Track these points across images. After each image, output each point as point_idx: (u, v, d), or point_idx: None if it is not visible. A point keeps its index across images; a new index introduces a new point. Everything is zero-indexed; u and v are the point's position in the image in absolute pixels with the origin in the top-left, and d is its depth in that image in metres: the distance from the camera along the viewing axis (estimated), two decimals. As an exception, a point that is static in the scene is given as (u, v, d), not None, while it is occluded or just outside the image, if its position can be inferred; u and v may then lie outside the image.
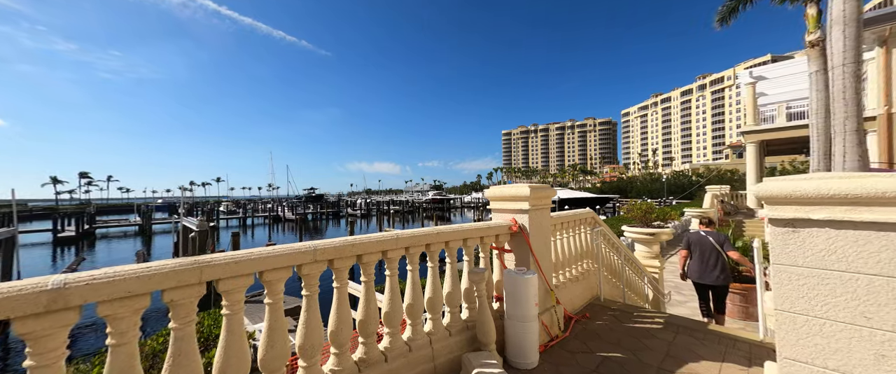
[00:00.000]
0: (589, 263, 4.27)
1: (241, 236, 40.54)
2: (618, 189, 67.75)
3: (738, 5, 13.76)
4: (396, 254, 2.28)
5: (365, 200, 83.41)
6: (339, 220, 59.33)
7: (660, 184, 60.21)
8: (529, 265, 2.95)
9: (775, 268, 1.73)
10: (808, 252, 1.64)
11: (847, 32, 6.70)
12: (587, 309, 3.77)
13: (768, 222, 1.76)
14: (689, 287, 10.01)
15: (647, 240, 6.13)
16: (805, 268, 1.65)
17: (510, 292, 2.64)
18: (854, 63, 6.67)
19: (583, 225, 4.16)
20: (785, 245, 1.70)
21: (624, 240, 12.59)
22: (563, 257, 3.70)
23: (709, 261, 4.34)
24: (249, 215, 55.42)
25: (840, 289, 1.57)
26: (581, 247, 4.07)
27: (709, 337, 2.95)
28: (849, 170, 6.79)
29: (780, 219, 1.71)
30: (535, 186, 2.95)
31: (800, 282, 1.66)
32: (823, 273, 1.60)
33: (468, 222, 2.88)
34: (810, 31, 12.43)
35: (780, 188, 1.68)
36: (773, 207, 1.74)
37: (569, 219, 3.77)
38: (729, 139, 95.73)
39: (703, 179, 46.32)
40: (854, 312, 1.53)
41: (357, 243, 2.03)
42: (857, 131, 6.67)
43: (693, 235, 4.60)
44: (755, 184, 18.95)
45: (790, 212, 1.67)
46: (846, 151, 6.79)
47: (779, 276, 1.72)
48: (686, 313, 7.89)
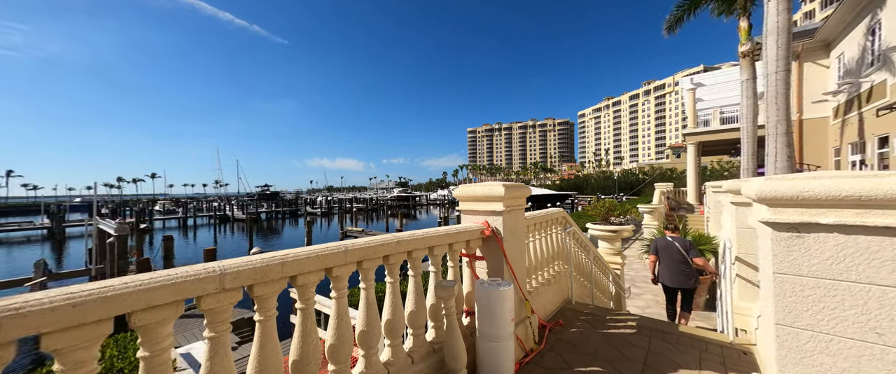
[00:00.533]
0: (560, 264, 4.10)
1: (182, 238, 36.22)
2: (575, 186, 71.73)
3: (683, 15, 14.86)
4: (345, 270, 1.81)
5: (326, 197, 79.42)
6: (298, 219, 55.85)
7: (612, 181, 64.77)
8: (503, 274, 2.63)
9: (776, 278, 1.55)
10: (814, 260, 1.47)
11: (779, 42, 7.36)
12: (560, 314, 3.57)
13: (767, 225, 1.58)
14: (643, 280, 10.61)
15: (610, 237, 6.21)
16: (810, 278, 1.48)
17: (483, 308, 2.29)
18: (785, 71, 7.35)
19: (555, 225, 3.96)
20: (788, 252, 1.52)
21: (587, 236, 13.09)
22: (536, 260, 3.46)
23: (676, 266, 4.49)
24: (191, 215, 49.93)
25: (849, 302, 1.41)
26: (553, 248, 3.87)
27: (682, 341, 2.87)
28: (779, 169, 7.51)
29: (784, 223, 1.52)
30: (509, 184, 2.63)
31: (804, 294, 1.49)
32: (831, 284, 1.44)
33: (434, 220, 2.51)
34: (743, 42, 13.77)
35: (787, 189, 1.49)
36: (775, 209, 1.55)
37: (541, 219, 3.53)
38: (669, 141, 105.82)
39: (649, 177, 50.55)
40: (864, 327, 1.38)
41: (288, 260, 1.54)
42: (787, 133, 7.38)
43: (661, 241, 4.73)
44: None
45: (795, 215, 1.49)
46: (777, 152, 7.49)
47: (780, 287, 1.54)
48: (643, 304, 8.27)
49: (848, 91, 13.43)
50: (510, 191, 2.62)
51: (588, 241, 4.84)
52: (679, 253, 4.48)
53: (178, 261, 17.77)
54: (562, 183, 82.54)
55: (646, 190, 40.69)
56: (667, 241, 4.69)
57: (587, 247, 4.74)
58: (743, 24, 13.80)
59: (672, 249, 4.54)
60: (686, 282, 4.51)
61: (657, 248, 4.74)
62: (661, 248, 4.68)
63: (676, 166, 66.52)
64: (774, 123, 7.40)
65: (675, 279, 4.54)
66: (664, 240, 4.73)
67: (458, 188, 2.84)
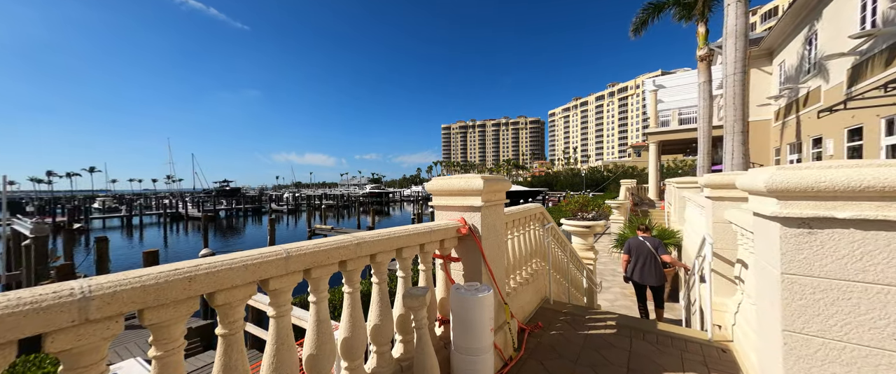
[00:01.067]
0: (538, 262, 3.93)
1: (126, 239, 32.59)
2: (546, 183, 74.11)
3: (648, 18, 15.50)
4: (287, 282, 1.43)
5: (293, 194, 75.68)
6: (262, 217, 52.72)
7: (579, 178, 67.58)
8: (481, 277, 2.36)
9: (784, 280, 1.39)
10: (827, 259, 1.32)
11: (737, 45, 7.77)
12: (539, 315, 3.39)
13: (774, 221, 1.42)
14: (610, 272, 10.97)
15: (584, 232, 6.20)
16: (822, 279, 1.33)
17: (459, 318, 2.00)
18: (742, 72, 7.79)
19: (533, 222, 3.77)
20: (798, 250, 1.36)
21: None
22: (515, 259, 3.24)
23: (647, 264, 4.63)
24: (137, 213, 45.33)
25: (866, 305, 1.27)
26: (532, 246, 3.68)
27: (662, 341, 2.77)
28: (736, 166, 7.98)
29: (795, 218, 1.35)
30: (489, 177, 2.35)
31: (815, 296, 1.34)
32: (846, 286, 1.29)
33: (408, 216, 2.20)
34: (700, 47, 14.61)
35: (800, 179, 1.32)
36: (785, 202, 1.38)
37: (520, 216, 3.31)
38: (631, 140, 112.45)
39: (613, 175, 53.24)
40: (883, 334, 1.24)
41: (198, 273, 1.14)
42: (743, 132, 7.85)
43: (633, 240, 4.84)
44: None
45: (808, 209, 1.33)
46: (734, 150, 7.95)
47: (789, 289, 1.38)
48: (612, 297, 8.47)
49: (788, 96, 14.71)
50: (490, 184, 2.35)
51: (564, 237, 4.74)
52: (650, 251, 4.64)
53: (117, 266, 15.76)
54: (533, 180, 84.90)
55: (610, 187, 42.80)
56: (639, 241, 4.81)
57: (564, 243, 4.63)
58: (701, 30, 14.65)
59: (643, 248, 4.69)
60: (657, 280, 4.67)
61: (630, 247, 4.87)
62: (634, 247, 4.80)
63: (637, 164, 70.90)
64: (732, 122, 7.82)
65: (646, 277, 4.70)
66: (636, 240, 4.85)
67: (431, 181, 2.53)
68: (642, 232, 4.90)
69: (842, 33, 10.63)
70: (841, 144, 10.80)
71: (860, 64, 9.75)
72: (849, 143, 10.53)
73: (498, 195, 2.53)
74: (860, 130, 9.83)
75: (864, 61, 9.53)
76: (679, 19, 15.49)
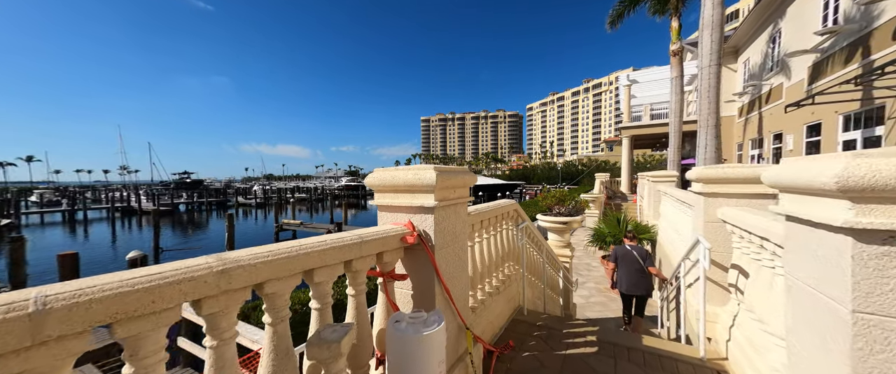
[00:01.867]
0: (512, 266, 3.46)
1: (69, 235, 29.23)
2: (523, 176, 75.15)
3: (624, 11, 15.47)
4: (141, 327, 0.82)
5: (263, 186, 71.85)
6: (228, 211, 49.63)
7: (556, 172, 69.07)
8: (435, 299, 1.81)
9: (859, 321, 0.93)
10: (931, 295, 0.87)
11: (713, 36, 7.66)
12: (510, 330, 2.92)
13: (847, 234, 0.96)
14: (584, 266, 10.89)
15: (560, 228, 5.84)
16: (921, 324, 0.88)
17: (397, 363, 1.45)
18: (717, 65, 7.70)
19: (505, 221, 3.28)
20: (881, 278, 0.90)
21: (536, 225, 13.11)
22: (483, 266, 2.73)
23: (634, 274, 4.56)
24: (82, 208, 41.14)
25: None
26: (504, 249, 3.20)
27: (650, 361, 2.38)
28: (708, 160, 7.95)
29: (880, 230, 0.89)
30: (445, 168, 1.79)
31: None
32: (961, 336, 0.85)
33: None
34: (673, 41, 14.76)
35: (892, 173, 0.85)
36: (861, 206, 0.92)
37: (490, 215, 2.79)
38: (604, 135, 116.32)
39: (587, 169, 54.69)
40: None
41: None
42: (716, 126, 7.80)
43: (620, 248, 4.75)
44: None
45: None
46: (707, 144, 7.91)
47: (867, 335, 0.93)
48: (586, 293, 8.30)
49: (751, 93, 15.25)
50: (446, 178, 1.79)
51: (540, 235, 4.31)
52: (637, 262, 4.57)
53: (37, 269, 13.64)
54: (511, 173, 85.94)
55: (585, 180, 43.95)
56: (626, 249, 4.72)
57: (540, 243, 4.20)
58: (674, 24, 14.80)
59: (631, 257, 4.61)
60: (644, 289, 4.62)
61: (617, 256, 4.79)
62: (621, 256, 4.72)
63: (610, 159, 73.43)
64: (706, 115, 7.74)
65: (633, 287, 4.63)
66: (624, 248, 4.76)
67: (372, 174, 1.93)
68: (629, 240, 4.80)
69: (805, 31, 10.96)
70: (800, 140, 11.25)
71: (821, 61, 10.10)
72: (808, 138, 10.98)
73: (458, 192, 1.98)
74: (819, 127, 10.24)
75: (825, 59, 9.86)
76: (653, 13, 15.58)
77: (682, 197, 4.12)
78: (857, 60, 8.28)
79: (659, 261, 6.50)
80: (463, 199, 2.08)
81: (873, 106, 7.84)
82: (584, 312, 7.22)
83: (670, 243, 5.34)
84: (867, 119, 8.17)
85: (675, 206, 5.17)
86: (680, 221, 4.72)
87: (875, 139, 7.85)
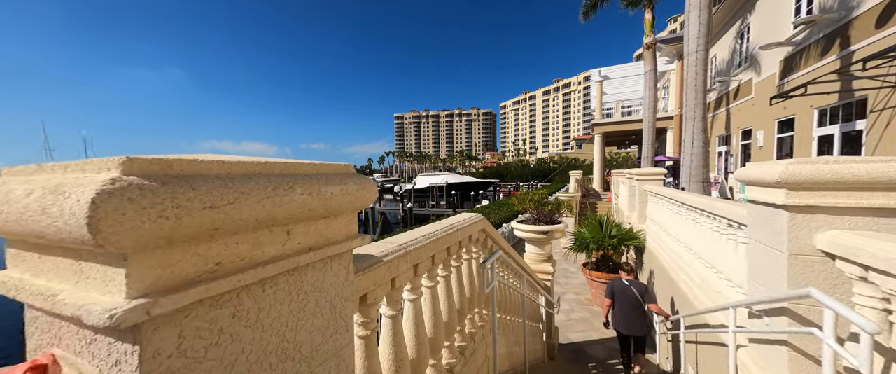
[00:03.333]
0: (481, 314, 2.23)
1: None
2: (497, 174, 75.31)
3: (598, 2, 14.90)
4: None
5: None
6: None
7: (529, 169, 69.73)
8: None
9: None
10: None
11: (701, 18, 6.93)
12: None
13: None
14: (561, 272, 10.01)
15: (541, 240, 4.75)
16: None
17: None
18: (704, 50, 6.99)
19: (468, 248, 2.03)
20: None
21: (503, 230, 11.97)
22: (435, 329, 1.47)
23: (633, 312, 4.08)
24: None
25: None
26: (464, 294, 1.95)
27: None
28: (695, 155, 7.26)
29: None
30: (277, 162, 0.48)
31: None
32: None
33: None
34: (647, 34, 14.36)
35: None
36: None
37: (441, 245, 1.53)
38: (574, 133, 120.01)
39: (559, 166, 55.49)
40: None
41: None
42: (703, 118, 7.11)
43: (617, 283, 4.24)
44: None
45: None
46: (694, 137, 7.21)
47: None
48: (567, 307, 7.31)
49: (719, 90, 15.25)
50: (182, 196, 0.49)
51: (517, 256, 3.13)
52: (635, 298, 4.05)
53: None
54: (485, 171, 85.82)
55: (557, 178, 44.25)
56: (623, 285, 4.16)
57: (518, 270, 3.01)
58: (647, 16, 14.40)
59: (628, 294, 4.09)
60: (642, 329, 4.09)
61: (613, 291, 4.22)
62: (618, 292, 4.17)
63: (579, 156, 75.50)
64: (693, 106, 7.02)
65: (631, 326, 4.09)
66: (621, 283, 4.18)
67: None
68: (626, 274, 4.26)
69: (777, 24, 10.79)
70: (771, 136, 11.12)
71: (794, 55, 9.89)
72: (779, 134, 10.85)
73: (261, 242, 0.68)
74: (791, 122, 10.06)
75: (799, 52, 9.64)
76: (626, 6, 15.15)
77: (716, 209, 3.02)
78: (835, 52, 7.99)
79: (650, 272, 5.58)
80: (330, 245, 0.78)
81: (852, 99, 7.53)
82: (567, 332, 6.23)
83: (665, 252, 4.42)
84: (846, 113, 7.89)
85: (679, 213, 4.19)
86: (689, 233, 3.74)
87: (855, 134, 7.56)
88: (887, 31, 6.34)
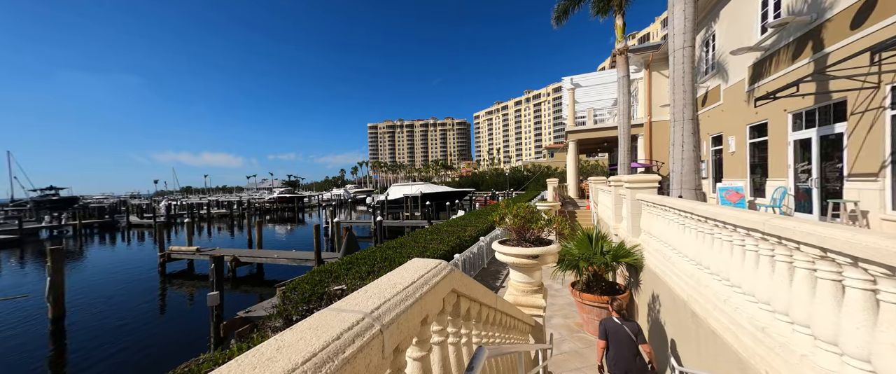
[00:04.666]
0: None
1: None
2: (473, 183, 75.02)
3: (569, 7, 14.68)
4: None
5: (173, 202, 60.03)
6: (116, 234, 39.90)
7: (503, 178, 70.06)
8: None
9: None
10: None
11: (686, 12, 6.43)
12: None
13: None
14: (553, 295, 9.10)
15: (530, 265, 3.71)
16: None
17: None
18: (691, 46, 6.48)
19: (428, 328, 0.88)
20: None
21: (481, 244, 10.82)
22: None
23: (627, 354, 3.74)
24: None
25: None
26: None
27: None
28: (686, 161, 6.65)
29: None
30: None
31: None
32: None
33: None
34: (619, 39, 14.25)
35: None
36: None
37: None
38: (545, 143, 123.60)
39: (533, 174, 56.00)
40: None
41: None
42: (693, 120, 6.55)
43: (609, 323, 3.87)
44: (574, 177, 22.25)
45: None
46: (684, 141, 6.61)
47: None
48: (557, 335, 6.32)
49: (687, 97, 15.42)
50: None
51: (506, 308, 2.03)
52: (629, 338, 3.72)
53: None
54: (461, 180, 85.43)
55: (531, 186, 44.39)
56: (616, 325, 3.78)
57: (509, 324, 1.90)
58: (619, 22, 14.33)
59: (622, 334, 3.75)
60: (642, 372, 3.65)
61: (607, 332, 3.82)
62: (611, 333, 3.79)
63: (552, 164, 77.28)
64: (681, 107, 6.43)
65: (629, 370, 3.69)
66: (613, 323, 3.79)
67: None
68: (617, 314, 3.86)
69: (741, 32, 10.90)
70: (743, 141, 11.10)
71: (764, 60, 9.93)
72: (751, 139, 10.82)
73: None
74: (764, 126, 10.03)
75: (769, 57, 9.66)
76: (596, 13, 15.08)
77: (781, 231, 2.04)
78: (807, 55, 7.92)
79: (652, 296, 4.68)
80: None
81: (830, 101, 7.39)
82: (560, 371, 5.19)
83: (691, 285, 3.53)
84: (823, 116, 7.75)
85: (697, 229, 3.32)
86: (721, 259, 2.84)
87: (835, 137, 7.38)
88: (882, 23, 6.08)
